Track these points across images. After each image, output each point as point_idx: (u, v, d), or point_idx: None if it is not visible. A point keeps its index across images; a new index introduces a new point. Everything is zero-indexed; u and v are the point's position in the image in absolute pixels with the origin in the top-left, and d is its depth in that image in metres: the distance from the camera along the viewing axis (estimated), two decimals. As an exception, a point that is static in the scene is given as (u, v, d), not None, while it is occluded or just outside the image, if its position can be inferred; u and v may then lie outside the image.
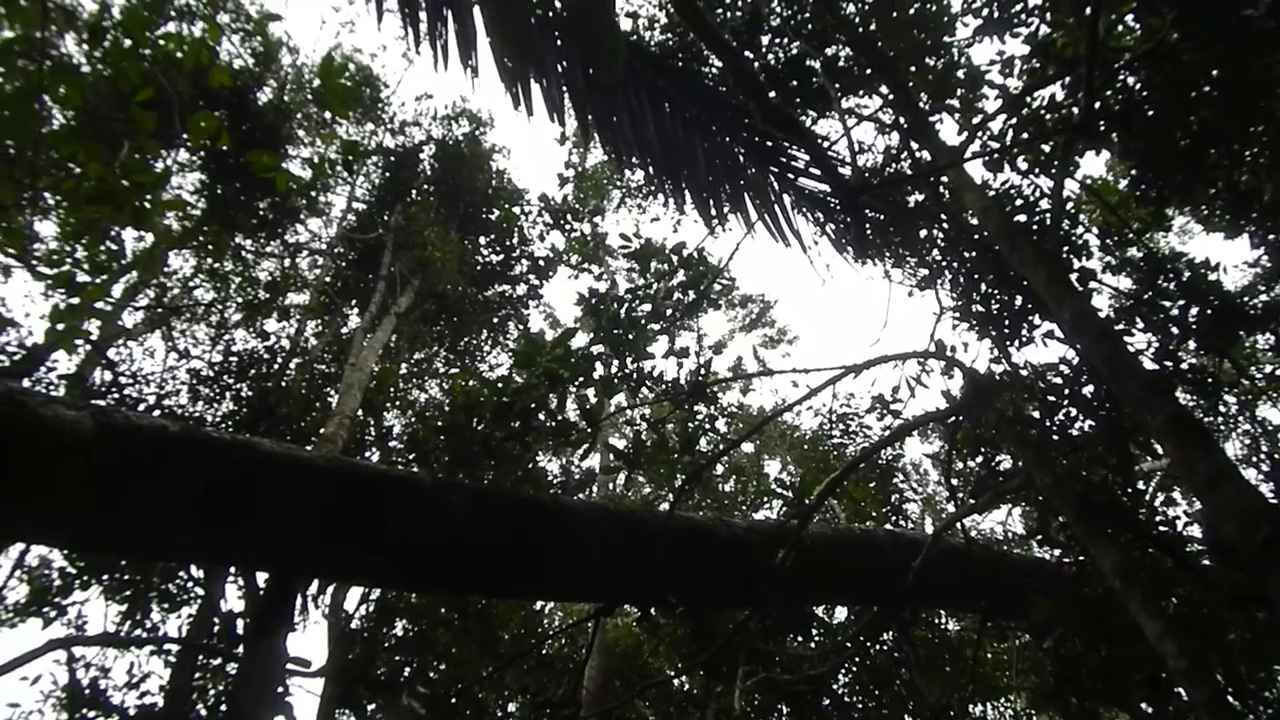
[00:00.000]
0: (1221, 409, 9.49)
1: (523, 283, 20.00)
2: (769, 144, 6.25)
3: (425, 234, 16.75)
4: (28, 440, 4.44)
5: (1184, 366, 7.97)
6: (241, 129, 14.33)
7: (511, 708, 13.08)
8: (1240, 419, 11.40)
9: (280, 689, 10.09)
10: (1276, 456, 10.58)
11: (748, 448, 19.45)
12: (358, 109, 18.13)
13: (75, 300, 4.16)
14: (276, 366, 13.66)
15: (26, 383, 10.78)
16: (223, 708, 12.31)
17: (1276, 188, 8.17)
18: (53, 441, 4.52)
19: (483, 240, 19.49)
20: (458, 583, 6.84)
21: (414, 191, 18.79)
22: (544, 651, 12.09)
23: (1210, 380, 8.12)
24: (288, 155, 16.69)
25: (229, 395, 12.40)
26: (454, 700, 11.27)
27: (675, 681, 12.07)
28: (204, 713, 12.16)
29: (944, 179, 8.39)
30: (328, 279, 18.27)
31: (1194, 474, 3.92)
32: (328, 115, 17.72)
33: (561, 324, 23.36)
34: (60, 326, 4.19)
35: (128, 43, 3.72)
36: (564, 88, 5.24)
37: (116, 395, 12.07)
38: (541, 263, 19.95)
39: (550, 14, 5.06)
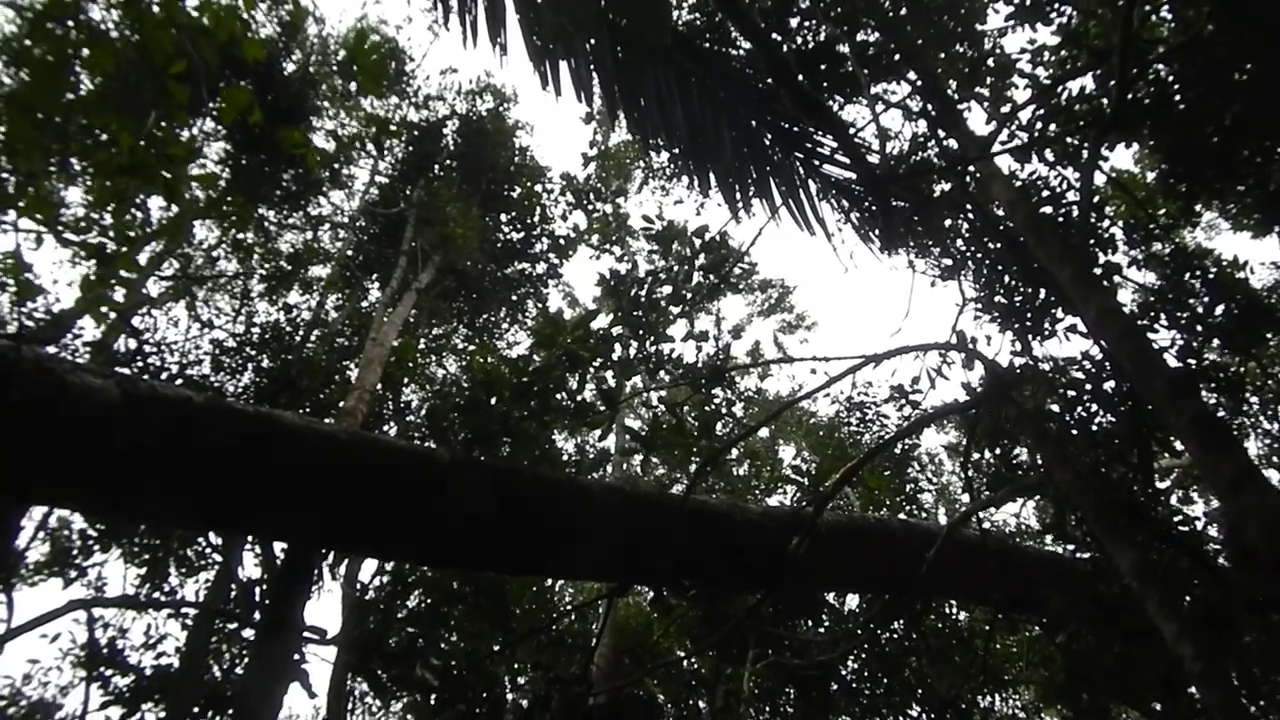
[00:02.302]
0: (1245, 408, 9.40)
1: (543, 261, 19.98)
2: (796, 129, 6.21)
3: (448, 210, 16.76)
4: (54, 407, 4.50)
5: (1208, 365, 7.91)
6: (267, 98, 14.35)
7: (522, 681, 13.20)
8: (1263, 419, 11.29)
9: (296, 657, 10.22)
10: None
11: (763, 432, 19.44)
12: (386, 89, 18.14)
13: (104, 270, 4.20)
14: (298, 339, 13.74)
15: (53, 349, 10.89)
16: (238, 671, 12.49)
17: (1308, 187, 8.07)
18: (79, 408, 4.58)
19: (504, 217, 19.46)
20: (473, 559, 6.89)
21: (437, 166, 18.77)
22: (555, 628, 12.17)
23: (1235, 380, 8.05)
24: (312, 126, 16.72)
25: (250, 366, 12.49)
26: (465, 673, 11.37)
27: (685, 662, 12.13)
28: (219, 676, 12.33)
29: (971, 168, 8.32)
30: (349, 252, 18.33)
31: (1217, 476, 3.89)
32: (353, 86, 17.74)
33: (580, 303, 23.39)
34: (89, 296, 4.23)
35: (158, 11, 3.74)
36: (592, 67, 5.22)
37: (140, 363, 12.17)
38: (562, 241, 19.92)
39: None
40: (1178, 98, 7.69)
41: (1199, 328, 8.22)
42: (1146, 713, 6.46)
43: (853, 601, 10.86)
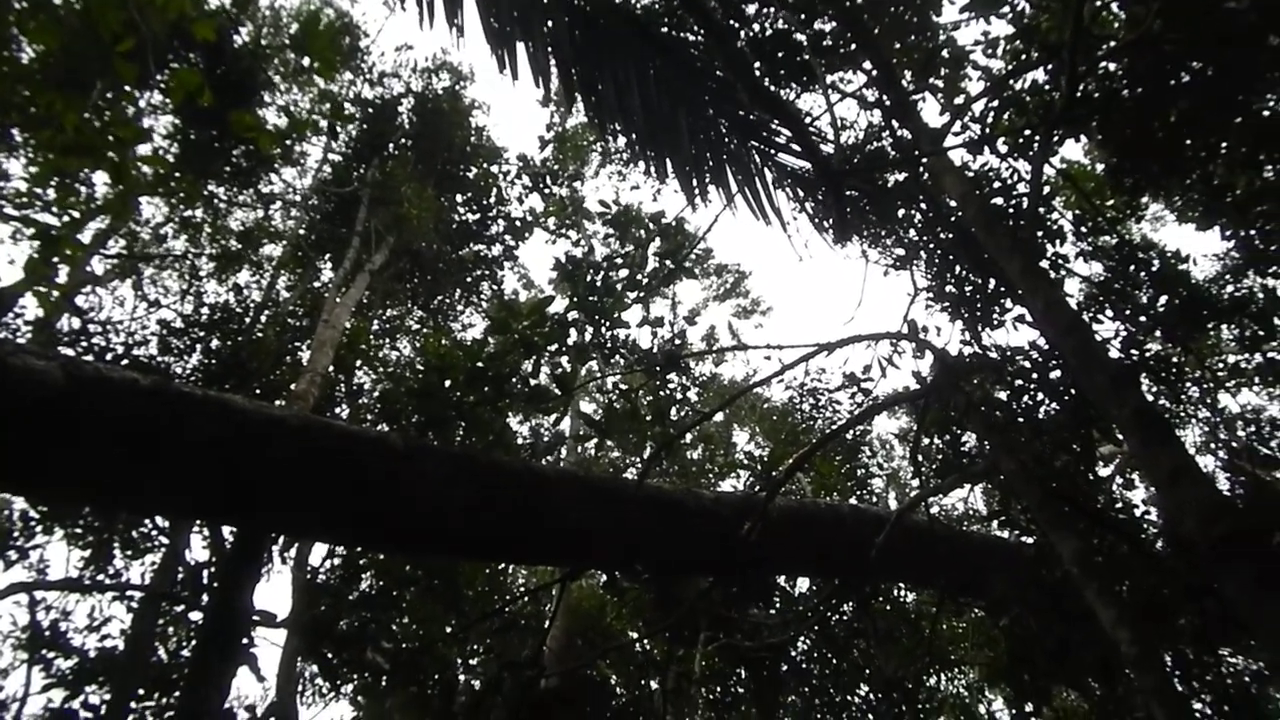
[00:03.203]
0: (1183, 397, 9.66)
1: (498, 243, 19.86)
2: (752, 118, 6.23)
3: (402, 190, 16.56)
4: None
5: (1149, 356, 8.11)
6: (217, 73, 14.04)
7: (474, 664, 13.21)
8: (1200, 407, 11.61)
9: (245, 641, 10.12)
10: (1233, 445, 10.81)
11: (718, 417, 19.56)
12: (340, 68, 17.83)
13: (46, 250, 4.10)
14: (248, 321, 13.52)
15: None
16: (184, 654, 12.34)
17: (1250, 182, 8.27)
18: (20, 391, 4.49)
19: (459, 198, 19.29)
20: (427, 545, 6.88)
21: (391, 145, 18.52)
22: (508, 611, 12.19)
23: (1175, 371, 8.27)
24: (263, 102, 16.40)
25: (199, 348, 12.27)
26: (417, 656, 11.35)
27: (638, 644, 12.22)
28: (165, 659, 12.18)
29: (924, 160, 8.42)
30: (301, 231, 18.04)
31: (1156, 468, 4.01)
32: (305, 62, 17.40)
33: (536, 286, 23.33)
34: (31, 276, 4.13)
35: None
36: (550, 50, 5.19)
37: (85, 343, 11.91)
38: (518, 224, 19.81)
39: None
40: (1126, 93, 7.84)
41: (1142, 319, 8.42)
42: (1085, 693, 6.65)
43: (803, 585, 11.01)
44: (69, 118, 3.42)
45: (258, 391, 11.99)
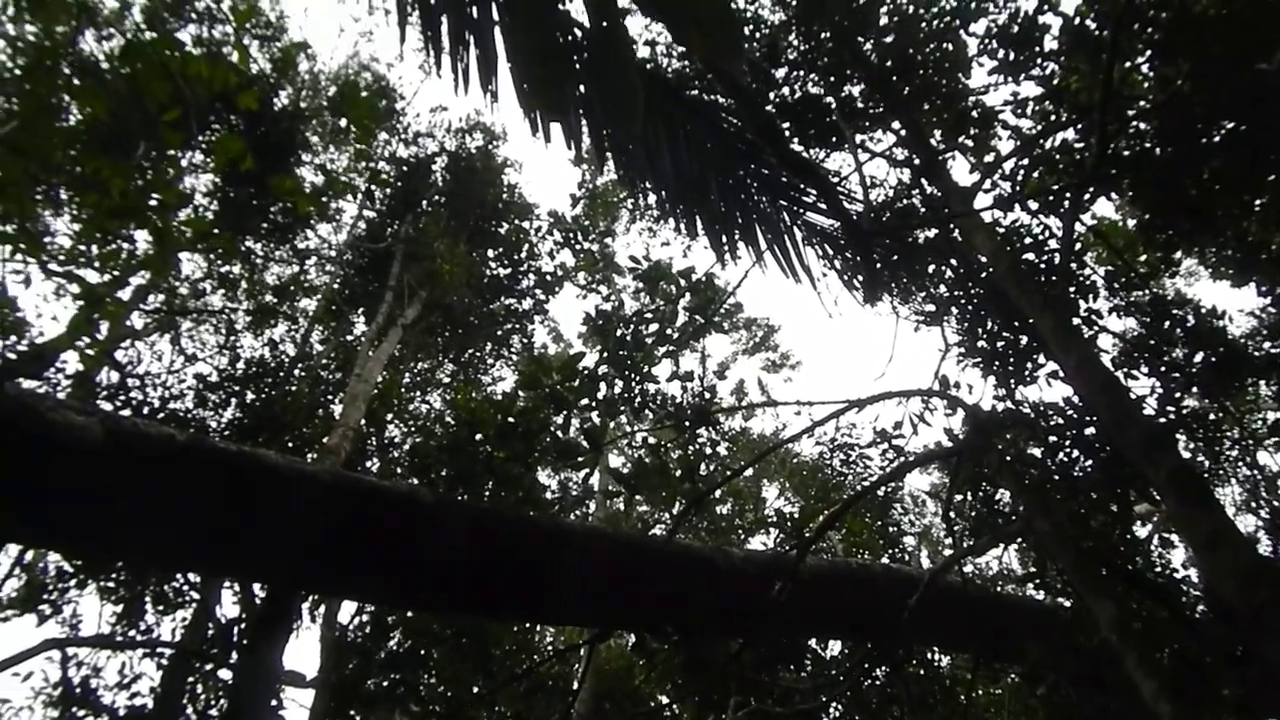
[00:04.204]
0: (1221, 455, 9.48)
1: (529, 297, 20.05)
2: (782, 179, 6.29)
3: (435, 245, 16.81)
4: (36, 445, 4.47)
5: (1186, 413, 7.99)
6: (257, 133, 14.41)
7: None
8: (1239, 465, 11.38)
9: (274, 701, 10.06)
10: (1274, 505, 10.57)
11: (747, 471, 19.44)
12: (377, 130, 18.25)
13: (89, 309, 4.20)
14: (282, 374, 13.68)
15: (36, 384, 10.82)
16: (213, 713, 12.29)
17: (1284, 239, 8.22)
18: (60, 447, 4.56)
19: (491, 253, 19.55)
20: (454, 604, 6.86)
21: (425, 202, 18.85)
22: (536, 672, 12.05)
23: (1212, 429, 8.13)
24: (301, 161, 16.78)
25: (234, 401, 12.42)
26: (446, 719, 11.23)
27: (666, 709, 12.02)
28: (194, 718, 12.13)
29: (954, 218, 8.44)
30: (335, 286, 18.33)
31: (1194, 531, 3.94)
32: (343, 123, 17.80)
33: (565, 339, 23.44)
34: (85, 345, 4.22)
35: (152, 52, 3.78)
36: (581, 114, 5.27)
37: (123, 397, 12.09)
38: (549, 278, 20.01)
39: (571, 38, 5.11)
40: (1157, 151, 7.84)
41: (1177, 375, 8.32)
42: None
43: (835, 647, 10.81)
44: (116, 183, 3.52)
45: (290, 445, 12.09)
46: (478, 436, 7.81)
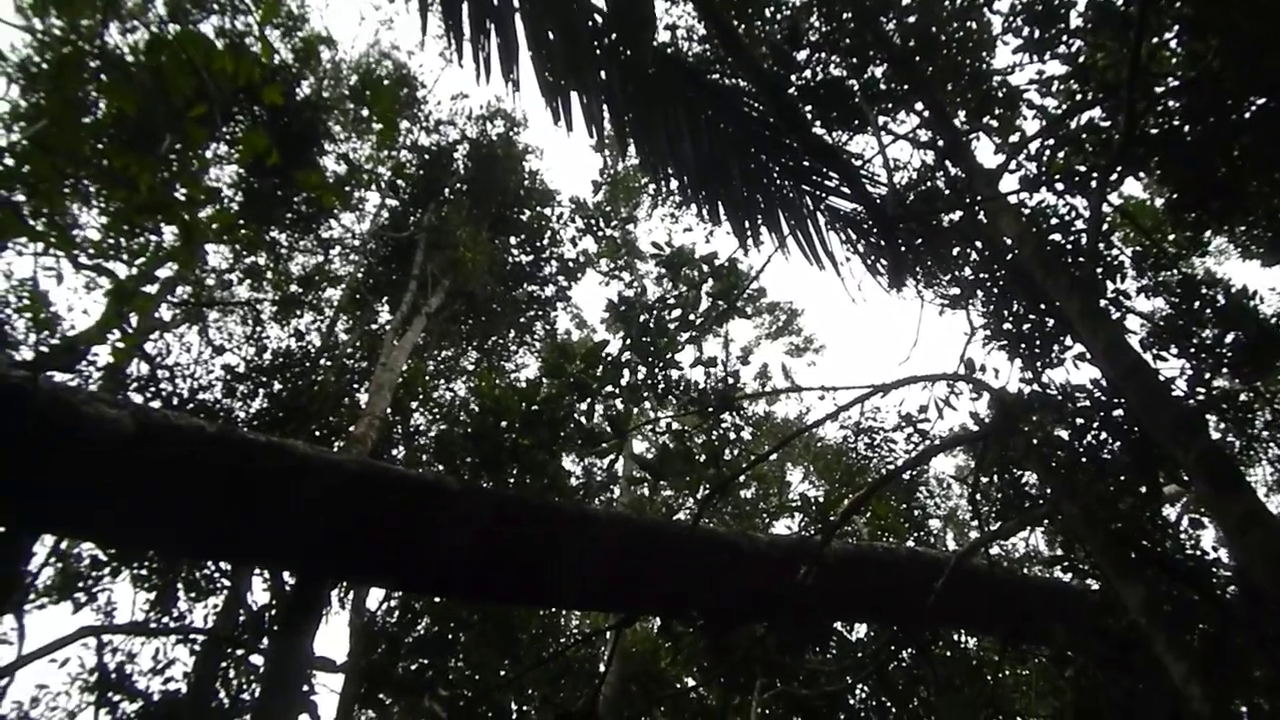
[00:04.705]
0: (1252, 436, 9.36)
1: (551, 284, 20.07)
2: (805, 163, 6.26)
3: (458, 233, 16.86)
4: (69, 437, 4.55)
5: (1216, 394, 7.90)
6: (280, 123, 14.48)
7: (530, 711, 13.15)
8: (1271, 446, 11.24)
9: (305, 687, 10.19)
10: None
11: (772, 456, 19.40)
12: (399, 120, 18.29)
13: (119, 305, 4.25)
14: (308, 364, 13.80)
15: (68, 376, 10.96)
16: (244, 697, 12.48)
17: (1316, 217, 8.08)
18: (93, 439, 4.63)
19: (513, 240, 19.57)
20: (481, 590, 6.91)
21: (447, 190, 18.88)
22: (563, 655, 12.13)
23: (1243, 410, 8.04)
24: (324, 150, 16.85)
25: (262, 392, 12.54)
26: (474, 703, 11.34)
27: (692, 692, 12.08)
28: (227, 703, 12.32)
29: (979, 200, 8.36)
30: (359, 275, 18.43)
31: (1224, 514, 3.90)
32: (365, 112, 17.87)
33: (589, 325, 23.46)
34: (116, 338, 4.27)
35: (178, 48, 3.80)
36: (603, 100, 5.27)
37: (153, 388, 12.24)
38: (571, 265, 20.01)
39: (593, 23, 5.10)
40: (1186, 130, 7.73)
41: (1207, 356, 8.21)
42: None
43: (861, 630, 10.82)
44: (144, 178, 3.56)
45: (317, 434, 12.20)
46: (502, 424, 7.84)
